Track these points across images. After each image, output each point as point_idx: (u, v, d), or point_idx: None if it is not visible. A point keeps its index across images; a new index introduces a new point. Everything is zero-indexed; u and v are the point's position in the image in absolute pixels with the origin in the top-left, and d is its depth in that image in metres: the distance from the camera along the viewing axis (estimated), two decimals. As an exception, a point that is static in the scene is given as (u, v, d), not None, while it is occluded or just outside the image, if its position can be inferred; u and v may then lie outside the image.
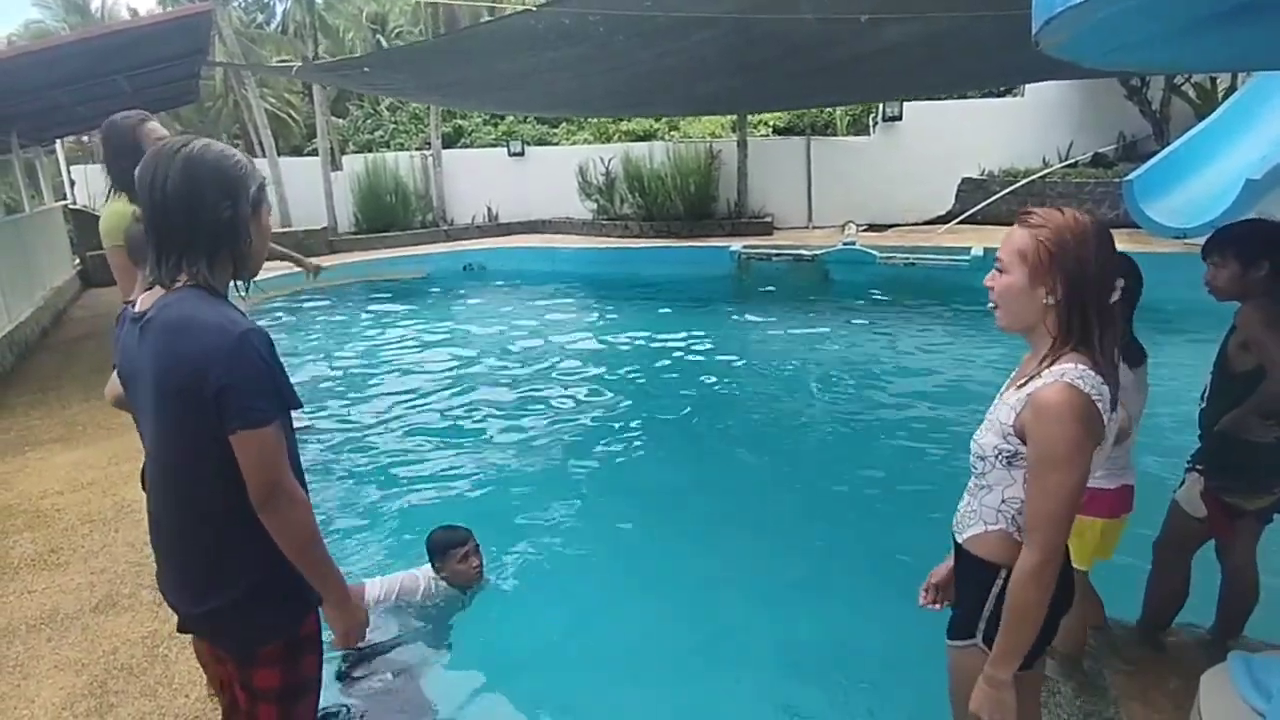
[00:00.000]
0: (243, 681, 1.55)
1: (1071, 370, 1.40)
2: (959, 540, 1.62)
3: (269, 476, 1.41)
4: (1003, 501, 1.52)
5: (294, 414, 1.55)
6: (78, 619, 3.07)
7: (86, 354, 7.44)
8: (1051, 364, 1.44)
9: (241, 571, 1.48)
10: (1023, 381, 1.49)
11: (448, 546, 3.23)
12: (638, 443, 5.28)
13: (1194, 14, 1.39)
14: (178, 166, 1.42)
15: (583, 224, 14.09)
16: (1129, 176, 5.46)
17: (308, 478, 1.60)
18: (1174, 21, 1.43)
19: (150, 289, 1.49)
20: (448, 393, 6.42)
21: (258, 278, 1.59)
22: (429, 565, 3.26)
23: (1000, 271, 1.50)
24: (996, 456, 1.49)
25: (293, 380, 1.50)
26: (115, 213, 2.59)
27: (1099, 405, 1.39)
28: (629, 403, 6.08)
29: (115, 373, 1.66)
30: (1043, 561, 1.41)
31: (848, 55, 4.84)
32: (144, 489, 2.18)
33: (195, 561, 1.50)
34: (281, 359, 1.47)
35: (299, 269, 4.24)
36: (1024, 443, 1.45)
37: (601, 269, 11.88)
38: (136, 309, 1.49)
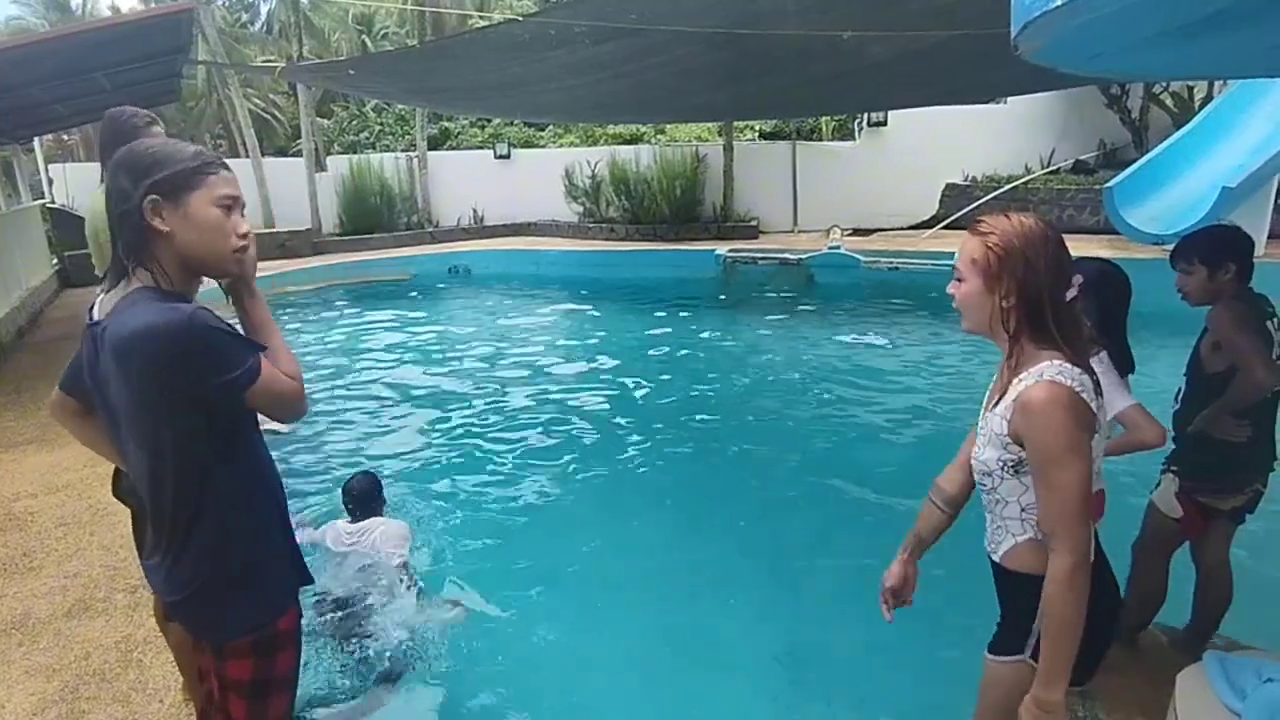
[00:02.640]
0: (217, 672, 1.56)
1: (1049, 367, 1.42)
2: (995, 559, 1.60)
3: (285, 402, 1.46)
4: (1022, 510, 1.51)
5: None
6: (50, 624, 3.01)
7: (64, 355, 7.25)
8: (1025, 365, 1.47)
9: (214, 564, 1.48)
10: (1004, 390, 1.50)
11: (379, 490, 3.48)
12: (624, 445, 5.27)
13: (1169, 22, 1.41)
14: (110, 169, 1.42)
15: (569, 227, 14.09)
16: (1109, 184, 5.54)
17: (291, 481, 1.60)
18: (1150, 29, 1.44)
19: (108, 293, 1.46)
20: (431, 395, 6.38)
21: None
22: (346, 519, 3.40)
23: (959, 280, 1.54)
24: (1002, 468, 1.50)
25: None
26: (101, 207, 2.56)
27: (1083, 396, 1.40)
28: (614, 406, 6.07)
29: (58, 385, 1.64)
30: (1074, 564, 1.38)
31: (833, 71, 4.87)
32: (115, 494, 2.16)
33: (171, 552, 1.50)
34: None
35: (281, 269, 4.21)
36: (1023, 448, 1.46)
37: (587, 272, 11.87)
38: (95, 316, 1.46)
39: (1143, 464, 2.47)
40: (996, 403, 1.52)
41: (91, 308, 1.50)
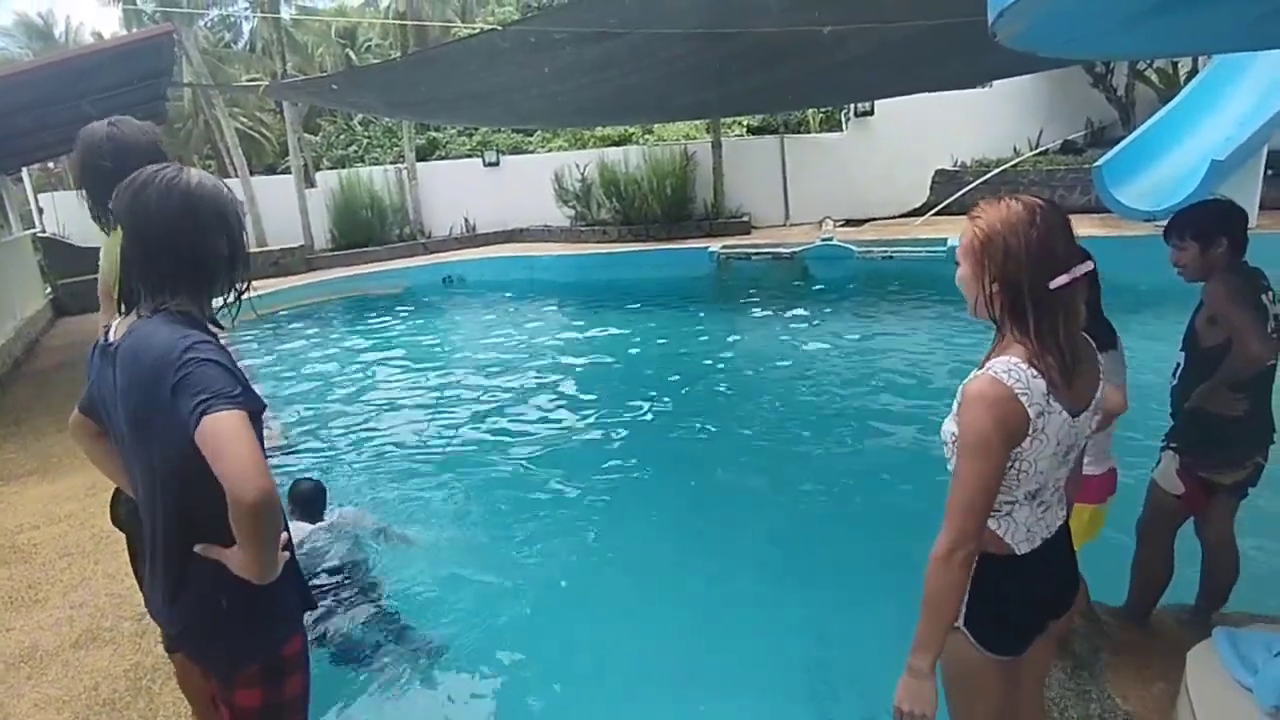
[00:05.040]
0: (225, 700, 1.55)
1: (1001, 363, 1.42)
2: None
3: (244, 469, 1.26)
4: None
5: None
6: (58, 655, 3.01)
7: (60, 384, 7.31)
8: (996, 353, 1.47)
9: (216, 592, 1.46)
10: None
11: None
12: (627, 447, 5.26)
13: (1142, 4, 1.40)
14: (176, 200, 1.42)
15: (561, 231, 14.08)
16: (1098, 162, 5.52)
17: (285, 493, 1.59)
18: (1124, 11, 1.44)
19: (125, 315, 1.48)
20: (431, 406, 6.37)
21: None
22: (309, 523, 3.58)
23: (957, 264, 1.55)
24: (954, 443, 1.52)
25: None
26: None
27: (1022, 399, 1.39)
28: (616, 408, 6.06)
29: (78, 406, 1.64)
30: (949, 549, 1.42)
31: (816, 65, 4.87)
32: (113, 522, 2.15)
33: (172, 581, 1.49)
34: (243, 370, 1.44)
35: (275, 286, 4.24)
36: None
37: (581, 275, 11.87)
38: (111, 338, 1.48)
39: (1144, 444, 2.46)
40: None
41: (107, 330, 1.52)
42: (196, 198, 1.44)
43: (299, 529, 3.41)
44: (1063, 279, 1.41)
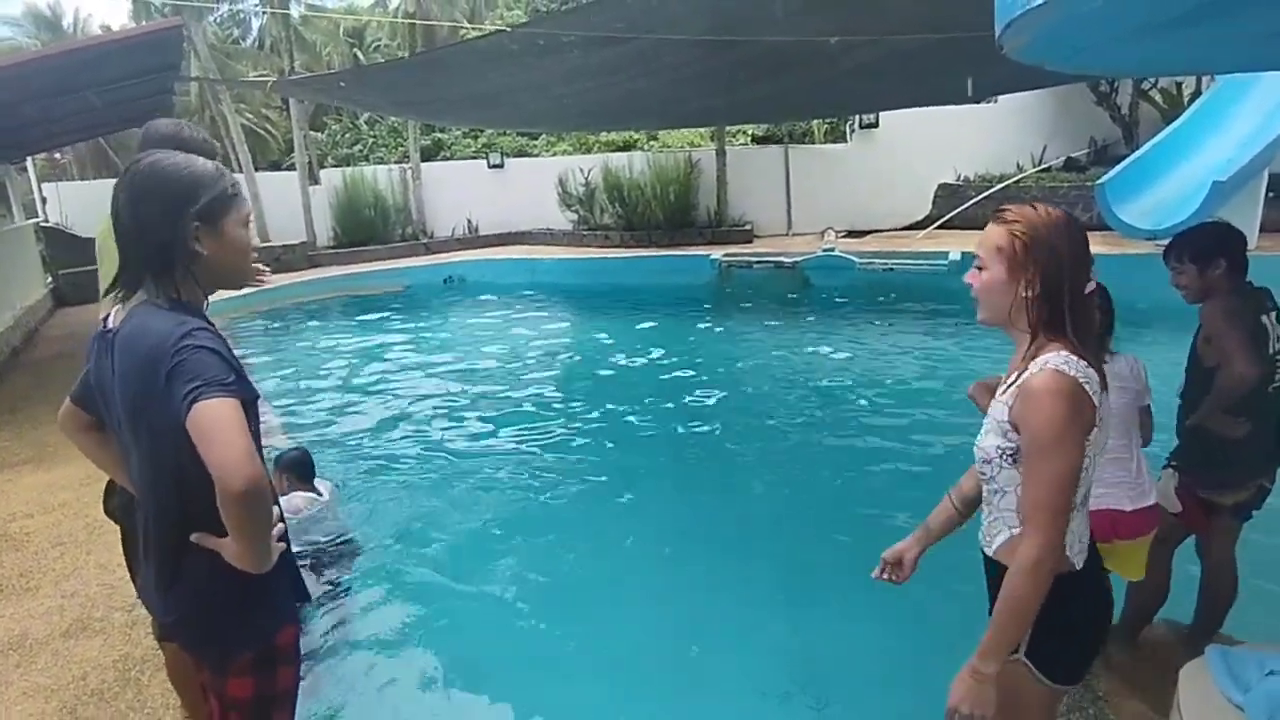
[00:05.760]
0: (216, 690, 1.54)
1: (1056, 357, 1.40)
2: (989, 553, 1.56)
3: (233, 457, 1.26)
4: (1019, 501, 1.47)
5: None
6: (48, 644, 3.00)
7: (58, 374, 7.30)
8: (1036, 355, 1.45)
9: (211, 582, 1.46)
10: (1012, 378, 1.48)
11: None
12: (622, 453, 5.26)
13: (1151, 18, 1.41)
14: (125, 184, 1.42)
15: (563, 235, 14.10)
16: (1101, 180, 5.55)
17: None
18: (1131, 24, 1.44)
19: (122, 302, 1.48)
20: (428, 406, 6.36)
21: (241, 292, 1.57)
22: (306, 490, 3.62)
23: (979, 269, 1.51)
24: (1001, 456, 1.47)
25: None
26: None
27: (1087, 388, 1.38)
28: (613, 412, 6.06)
29: (69, 396, 1.63)
30: (1039, 556, 1.37)
31: (821, 75, 4.89)
32: (106, 513, 2.15)
33: (167, 570, 1.49)
34: (243, 363, 1.44)
35: (276, 282, 4.26)
36: (1021, 435, 1.43)
37: (582, 279, 11.88)
38: (110, 325, 1.48)
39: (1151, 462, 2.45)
40: (1003, 391, 1.50)
41: (106, 318, 1.52)
42: (143, 179, 1.42)
43: (289, 502, 3.43)
44: (1091, 284, 1.44)
